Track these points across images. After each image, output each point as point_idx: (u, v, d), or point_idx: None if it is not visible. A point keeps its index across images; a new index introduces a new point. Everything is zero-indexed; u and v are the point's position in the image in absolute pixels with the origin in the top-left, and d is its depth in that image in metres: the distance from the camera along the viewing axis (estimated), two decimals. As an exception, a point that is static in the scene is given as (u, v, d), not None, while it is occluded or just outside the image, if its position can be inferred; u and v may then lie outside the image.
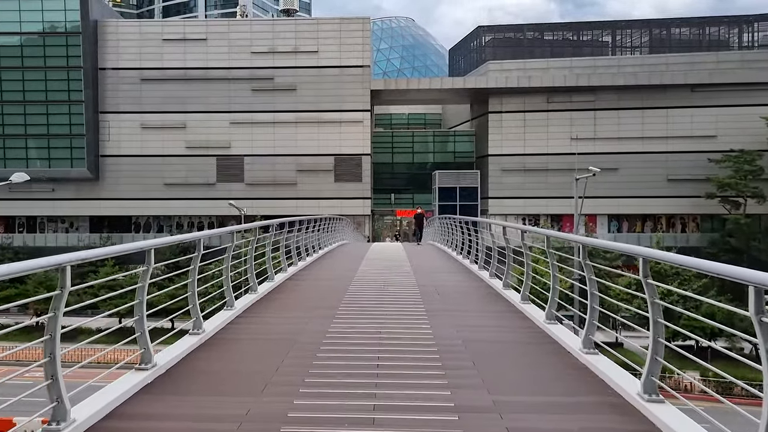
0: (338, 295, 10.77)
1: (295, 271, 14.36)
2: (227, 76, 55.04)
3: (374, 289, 11.74)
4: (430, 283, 12.60)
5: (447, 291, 11.72)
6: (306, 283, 12.75)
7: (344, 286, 12.04)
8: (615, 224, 58.86)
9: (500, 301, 10.49)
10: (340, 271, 15.07)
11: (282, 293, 11.28)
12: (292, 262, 14.78)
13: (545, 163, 56.39)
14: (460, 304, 10.44)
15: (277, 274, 12.63)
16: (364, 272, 14.65)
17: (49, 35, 53.61)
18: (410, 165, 62.36)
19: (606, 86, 55.59)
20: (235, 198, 52.01)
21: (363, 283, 12.48)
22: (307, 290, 11.91)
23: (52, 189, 54.75)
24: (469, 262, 15.98)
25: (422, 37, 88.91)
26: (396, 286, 12.22)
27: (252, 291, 10.50)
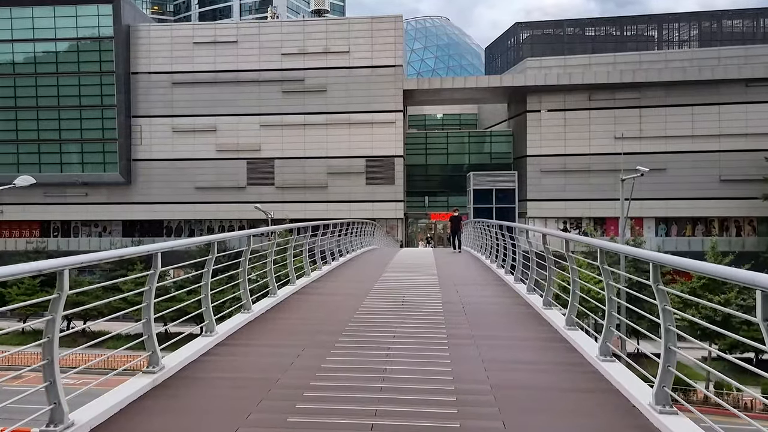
0: (347, 314, 9.23)
1: (319, 275, 14.19)
2: (257, 78, 54.32)
3: (390, 306, 10.08)
4: (457, 300, 10.84)
5: (476, 310, 9.90)
6: (315, 298, 11.22)
7: (357, 301, 10.49)
8: (663, 228, 55.82)
9: (540, 325, 8.75)
10: (357, 282, 13.54)
11: (284, 311, 9.79)
12: (315, 267, 14.64)
13: (587, 163, 53.88)
14: (491, 329, 8.68)
15: (300, 278, 12.55)
16: (384, 283, 13.07)
17: (82, 41, 53.89)
18: (445, 167, 60.39)
19: (652, 82, 52.70)
20: (265, 201, 51.28)
21: (379, 298, 10.87)
22: (316, 305, 10.43)
23: (86, 193, 55.02)
24: (504, 273, 14.21)
25: (457, 36, 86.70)
26: (417, 302, 10.52)
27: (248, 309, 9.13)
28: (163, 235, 56.61)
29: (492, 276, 14.96)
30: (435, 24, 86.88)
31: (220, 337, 7.44)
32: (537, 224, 55.30)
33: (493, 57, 71.75)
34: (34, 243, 52.82)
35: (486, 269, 16.70)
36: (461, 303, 10.46)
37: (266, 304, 9.66)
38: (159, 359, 5.83)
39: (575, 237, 8.27)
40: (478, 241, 21.69)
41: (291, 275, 12.05)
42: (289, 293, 11.02)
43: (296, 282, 12.11)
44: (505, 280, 13.55)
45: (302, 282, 12.46)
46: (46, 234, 57.02)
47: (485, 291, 12.60)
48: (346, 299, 10.80)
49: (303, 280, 12.79)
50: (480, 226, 21.07)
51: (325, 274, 14.86)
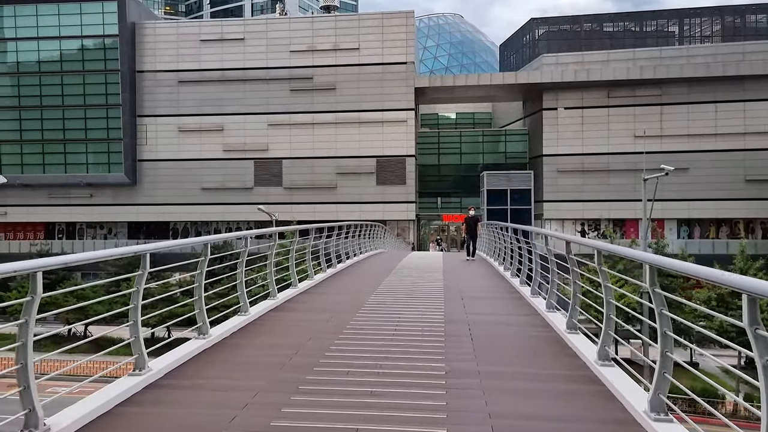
0: (328, 339, 7.56)
1: (323, 277, 13.77)
2: (265, 76, 52.98)
3: (382, 327, 8.38)
4: (463, 318, 9.15)
5: (485, 333, 8.10)
6: (297, 316, 9.55)
7: (345, 319, 8.89)
8: (685, 230, 53.81)
9: (565, 356, 6.90)
10: (351, 294, 11.95)
11: (254, 333, 8.28)
12: (319, 269, 14.24)
13: (606, 163, 52.03)
14: (503, 361, 6.78)
15: (302, 282, 12.33)
16: (381, 295, 11.48)
17: (87, 39, 52.82)
18: (458, 167, 58.56)
19: (674, 79, 50.77)
20: (273, 203, 50.09)
21: (371, 315, 9.26)
22: (300, 323, 8.86)
23: (90, 194, 54.00)
24: (519, 283, 12.47)
25: (471, 33, 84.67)
26: (414, 321, 8.84)
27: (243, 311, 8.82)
28: (169, 237, 55.39)
29: (505, 286, 13.25)
30: (448, 21, 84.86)
31: (213, 340, 7.29)
32: (553, 226, 53.47)
33: (507, 54, 69.92)
34: (38, 245, 51.81)
35: (498, 278, 14.99)
36: (467, 323, 8.75)
37: (264, 307, 9.43)
38: (146, 362, 5.75)
39: (608, 246, 6.34)
40: (491, 245, 20.04)
41: (293, 278, 11.65)
42: (288, 296, 10.73)
43: (298, 285, 11.73)
44: (520, 292, 11.83)
45: (304, 285, 12.16)
46: (51, 236, 56.06)
47: (496, 306, 10.87)
48: (332, 317, 9.20)
49: (305, 283, 12.41)
50: (492, 229, 19.42)
51: (327, 278, 13.96)
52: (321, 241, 14.62)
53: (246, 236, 8.70)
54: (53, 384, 12.83)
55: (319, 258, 14.65)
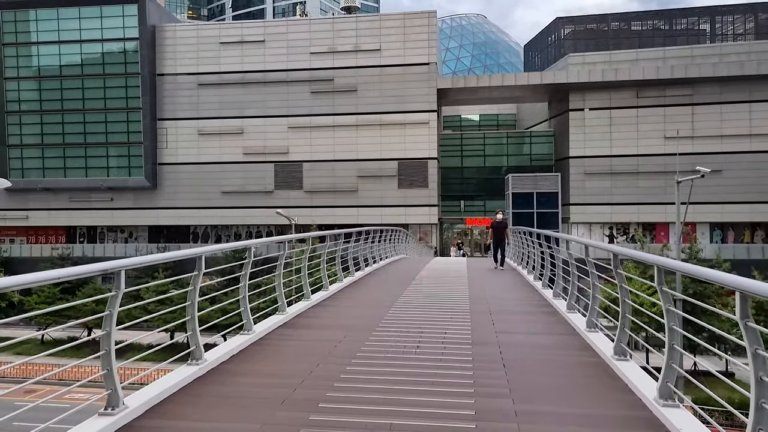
0: (339, 365, 6.56)
1: (339, 287, 12.91)
2: (285, 78, 52.37)
3: (401, 349, 7.32)
4: (493, 339, 7.99)
5: (519, 358, 6.97)
6: (309, 334, 8.53)
7: (359, 339, 7.85)
8: (718, 233, 51.98)
9: (615, 390, 5.78)
10: (367, 307, 10.86)
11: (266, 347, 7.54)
12: (335, 279, 13.37)
13: (635, 165, 50.49)
14: (543, 398, 5.60)
15: (315, 294, 11.39)
16: (401, 309, 10.41)
17: (108, 42, 52.73)
18: (481, 169, 57.26)
19: (706, 78, 49.08)
20: (293, 206, 49.45)
21: (389, 334, 8.19)
22: (304, 345, 7.79)
23: (111, 198, 53.83)
24: (552, 296, 11.27)
25: (495, 34, 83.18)
26: (438, 342, 7.75)
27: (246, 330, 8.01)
28: (189, 241, 55.06)
29: (535, 299, 12.04)
30: (471, 22, 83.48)
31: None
32: (580, 230, 52.02)
33: (532, 55, 68.52)
34: (60, 249, 51.77)
35: (528, 288, 13.77)
36: (498, 344, 7.63)
37: (270, 324, 8.61)
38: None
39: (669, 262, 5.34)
40: (518, 250, 18.92)
41: (306, 289, 10.83)
42: (299, 310, 9.87)
43: (311, 297, 10.86)
44: (553, 305, 10.63)
45: (318, 297, 11.32)
46: (72, 240, 56.02)
47: (529, 323, 9.66)
48: (345, 336, 8.13)
49: (319, 294, 11.59)
50: (520, 235, 18.25)
51: (344, 288, 13.05)
52: (338, 248, 13.59)
53: (251, 246, 7.78)
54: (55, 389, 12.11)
55: (336, 266, 13.73)
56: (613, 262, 6.48)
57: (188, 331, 6.25)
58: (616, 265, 6.44)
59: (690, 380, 5.83)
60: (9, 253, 53.45)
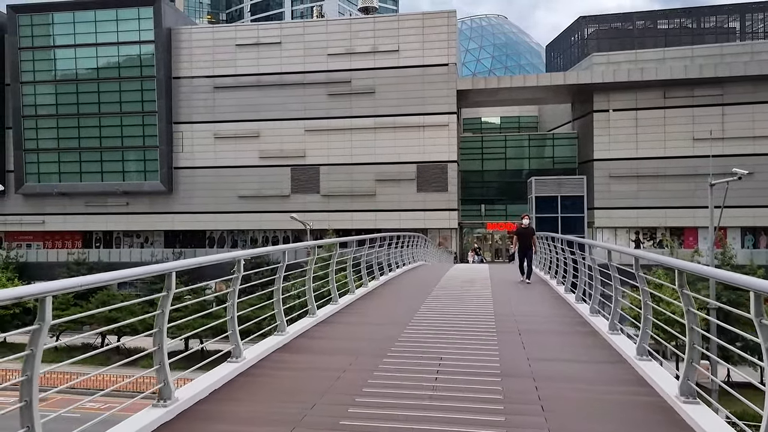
0: (342, 403, 5.48)
1: (352, 299, 11.84)
2: (302, 80, 51.50)
3: (416, 382, 6.10)
4: (526, 369, 6.70)
5: (561, 398, 5.72)
6: (305, 360, 7.32)
7: (368, 367, 6.72)
8: (750, 239, 50.12)
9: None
10: (380, 325, 9.79)
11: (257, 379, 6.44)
12: (347, 291, 12.28)
13: (662, 168, 48.86)
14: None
15: (321, 308, 10.34)
16: (418, 326, 9.19)
17: (123, 45, 52.26)
18: (503, 172, 55.85)
19: (736, 77, 47.39)
20: (310, 210, 48.60)
21: (404, 361, 6.97)
22: (302, 374, 6.65)
23: (127, 203, 53.30)
24: (590, 312, 9.89)
25: (515, 35, 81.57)
26: (461, 371, 6.49)
27: None
28: (205, 246, 54.38)
29: (569, 315, 10.69)
30: (491, 23, 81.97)
31: None
32: (605, 235, 50.44)
33: (554, 55, 66.97)
34: (76, 254, 51.31)
35: (559, 302, 12.40)
36: (532, 377, 6.38)
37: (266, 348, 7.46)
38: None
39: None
40: (544, 258, 17.49)
41: (310, 304, 9.66)
42: (302, 329, 8.77)
43: (316, 313, 9.68)
44: (592, 324, 9.29)
45: (325, 312, 10.12)
46: (89, 245, 55.59)
47: (565, 347, 8.25)
48: (352, 363, 6.96)
49: (327, 309, 10.41)
50: (547, 242, 16.83)
51: (355, 301, 11.94)
52: (349, 257, 12.46)
53: (239, 258, 6.59)
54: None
55: (348, 277, 12.56)
56: (679, 279, 5.37)
57: (155, 364, 5.12)
58: (683, 284, 5.33)
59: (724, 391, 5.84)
60: (25, 258, 53.15)
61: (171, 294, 5.05)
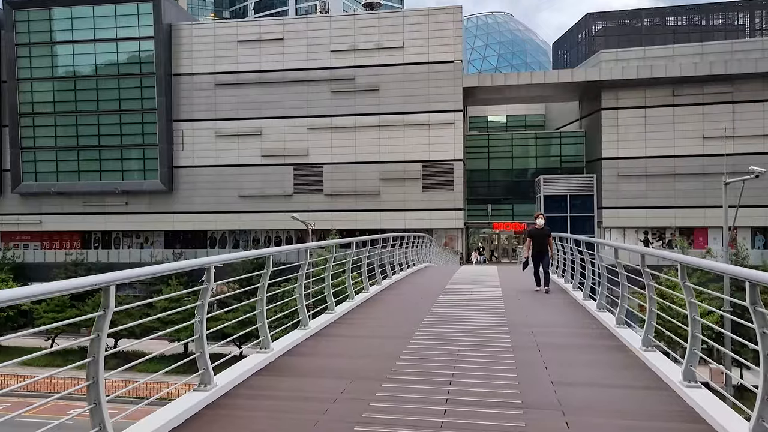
0: None
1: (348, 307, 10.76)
2: (305, 77, 50.52)
3: (422, 417, 5.11)
4: (550, 395, 5.69)
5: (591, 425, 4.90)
6: (289, 385, 6.20)
7: (364, 394, 5.74)
8: (760, 239, 49.23)
9: None
10: (380, 338, 8.61)
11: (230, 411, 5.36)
12: (346, 297, 11.27)
13: (672, 166, 47.99)
14: None
15: (314, 319, 9.32)
16: (423, 341, 8.06)
17: (122, 41, 51.21)
18: (509, 172, 54.91)
19: (747, 74, 46.52)
20: (313, 210, 47.70)
21: (406, 388, 5.89)
22: (284, 406, 5.56)
23: (126, 202, 52.26)
24: (616, 324, 8.78)
25: (522, 32, 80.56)
26: (474, 402, 5.47)
27: None
28: (206, 246, 53.36)
29: (591, 323, 9.59)
30: (497, 20, 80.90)
31: None
32: (614, 235, 49.52)
33: (561, 53, 66.06)
34: (74, 255, 50.29)
35: (575, 307, 11.35)
36: (559, 406, 5.38)
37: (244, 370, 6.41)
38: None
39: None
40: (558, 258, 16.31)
41: (302, 314, 8.57)
42: (292, 344, 7.77)
43: (308, 324, 8.63)
44: (620, 337, 8.17)
45: (318, 323, 9.02)
46: (87, 245, 54.55)
47: (593, 365, 7.08)
48: (346, 388, 5.89)
49: (322, 319, 9.44)
50: (561, 244, 15.69)
51: (354, 308, 10.95)
52: (348, 260, 11.35)
53: (209, 264, 5.49)
54: None
55: (347, 283, 11.45)
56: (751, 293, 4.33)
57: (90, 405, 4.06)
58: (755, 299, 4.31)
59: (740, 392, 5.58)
60: (22, 258, 52.12)
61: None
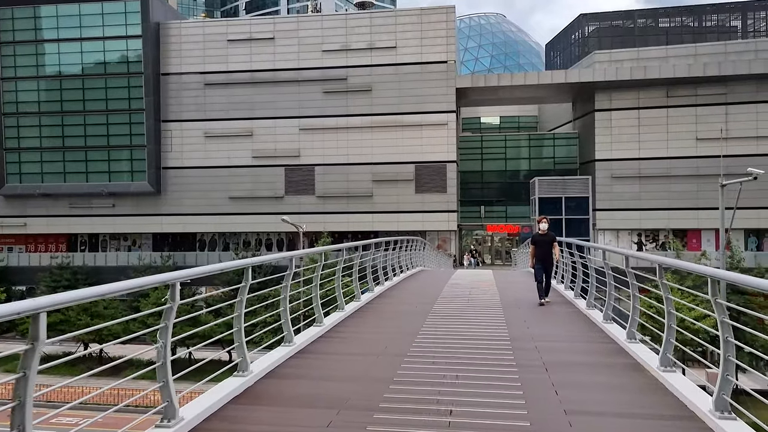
0: None
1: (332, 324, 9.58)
2: (296, 77, 49.79)
3: None
4: (566, 430, 5.01)
5: None
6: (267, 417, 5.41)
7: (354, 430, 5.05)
8: (754, 240, 49.15)
9: None
10: (372, 357, 7.63)
11: None
12: (332, 309, 10.47)
13: (666, 168, 47.84)
14: None
15: (300, 333, 8.59)
16: (417, 362, 7.16)
17: (109, 40, 50.18)
18: (502, 173, 54.50)
19: (741, 75, 46.50)
20: (305, 212, 47.02)
21: (401, 420, 5.19)
22: None
23: (113, 204, 51.22)
24: (626, 339, 7.97)
25: (515, 33, 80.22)
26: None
27: None
28: (195, 249, 52.46)
29: (600, 338, 8.78)
30: (490, 21, 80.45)
31: None
32: (607, 237, 49.23)
33: (554, 54, 65.74)
34: (59, 258, 49.20)
35: (582, 320, 10.46)
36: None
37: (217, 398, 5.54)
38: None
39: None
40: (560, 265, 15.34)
41: (286, 329, 7.79)
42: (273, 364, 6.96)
43: (293, 340, 7.85)
44: (632, 353, 7.43)
45: (304, 339, 8.20)
46: (73, 248, 53.42)
47: (610, 394, 6.12)
48: (333, 421, 5.21)
49: (306, 335, 8.51)
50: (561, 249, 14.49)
51: (342, 321, 10.09)
52: (338, 267, 10.50)
53: (173, 280, 4.73)
54: None
55: (336, 290, 10.72)
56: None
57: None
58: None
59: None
60: (6, 262, 50.95)
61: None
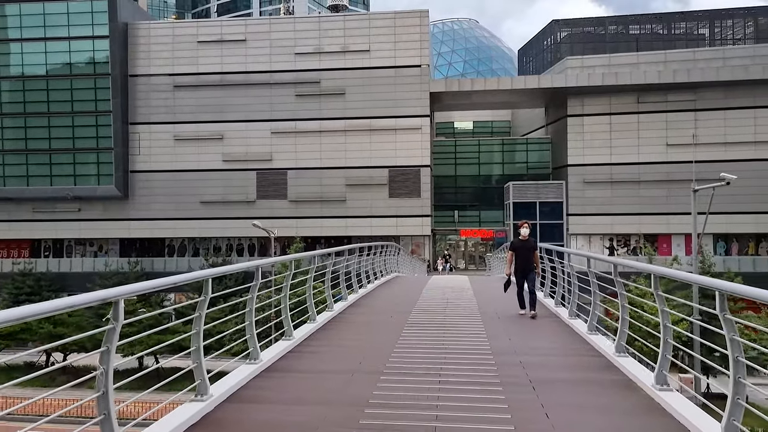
0: None
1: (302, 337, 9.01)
2: (268, 80, 49.09)
3: None
4: None
5: None
6: None
7: None
8: (722, 245, 49.87)
9: None
10: (342, 381, 6.75)
11: None
12: (306, 319, 9.94)
13: (636, 173, 48.31)
14: None
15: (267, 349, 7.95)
16: (393, 380, 6.60)
17: (75, 40, 48.84)
18: (476, 178, 54.50)
19: (709, 82, 47.10)
20: (277, 217, 46.30)
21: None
22: None
23: (78, 209, 49.81)
24: (615, 352, 7.57)
25: (488, 39, 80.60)
26: None
27: None
28: (164, 255, 51.30)
29: (586, 351, 8.24)
30: (463, 26, 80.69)
31: None
32: (579, 242, 49.47)
33: (527, 60, 66.07)
34: (22, 264, 47.62)
35: (566, 331, 9.95)
36: None
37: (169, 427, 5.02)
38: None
39: None
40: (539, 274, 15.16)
41: (252, 345, 7.33)
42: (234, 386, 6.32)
43: (260, 357, 7.32)
44: (623, 368, 6.98)
45: (271, 355, 7.68)
46: (37, 254, 51.81)
47: (604, 417, 5.61)
48: None
49: (274, 350, 8.03)
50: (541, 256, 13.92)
51: (317, 331, 9.64)
52: (309, 276, 9.87)
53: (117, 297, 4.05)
54: None
55: (308, 299, 10.17)
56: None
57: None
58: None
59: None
60: (-34, 268, 49.16)
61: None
